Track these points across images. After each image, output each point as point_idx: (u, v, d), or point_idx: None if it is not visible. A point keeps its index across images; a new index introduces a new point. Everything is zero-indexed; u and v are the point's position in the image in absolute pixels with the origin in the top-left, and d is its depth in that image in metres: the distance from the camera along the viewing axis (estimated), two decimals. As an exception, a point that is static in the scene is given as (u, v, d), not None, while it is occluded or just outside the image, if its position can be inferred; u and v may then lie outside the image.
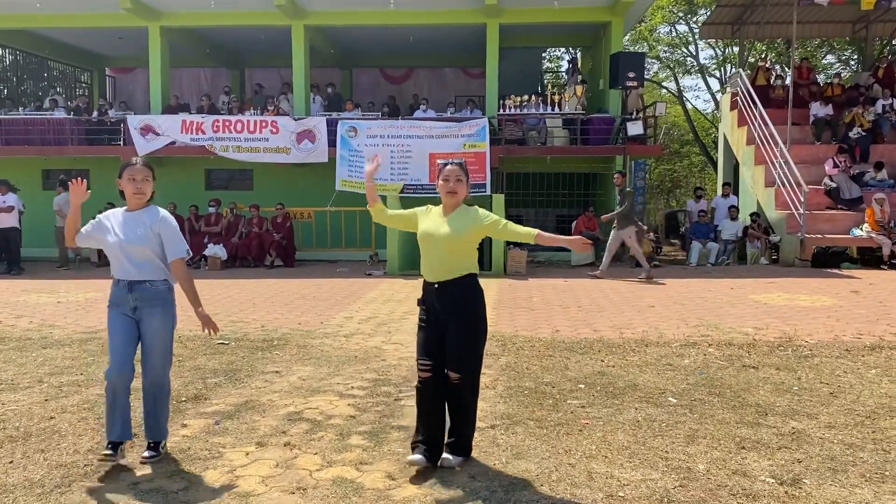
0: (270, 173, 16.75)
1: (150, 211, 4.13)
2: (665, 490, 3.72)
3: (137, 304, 4.02)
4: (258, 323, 8.40)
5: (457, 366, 3.97)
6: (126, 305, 4.03)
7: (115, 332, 4.03)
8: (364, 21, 16.66)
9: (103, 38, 19.18)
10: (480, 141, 15.10)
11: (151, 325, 4.04)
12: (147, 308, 4.03)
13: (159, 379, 4.12)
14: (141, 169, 4.08)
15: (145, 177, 4.08)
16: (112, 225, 4.08)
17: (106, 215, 4.16)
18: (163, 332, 4.08)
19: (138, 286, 4.02)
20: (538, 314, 8.99)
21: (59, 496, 3.64)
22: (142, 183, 4.06)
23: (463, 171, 4.08)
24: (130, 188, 4.05)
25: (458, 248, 3.99)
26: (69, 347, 7.11)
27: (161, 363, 4.10)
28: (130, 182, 4.05)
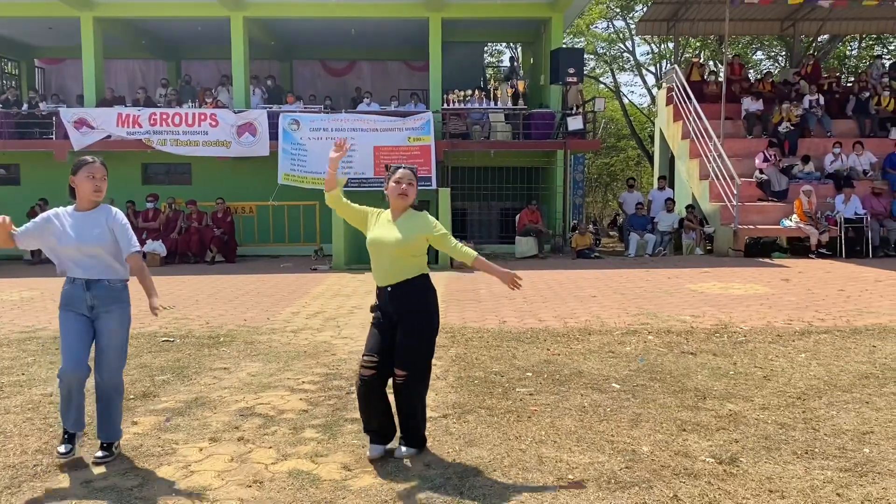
0: (210, 167, 16.48)
1: (103, 210, 4.07)
2: (612, 472, 3.88)
3: (94, 302, 3.97)
4: (202, 320, 8.31)
5: (404, 364, 3.99)
6: (82, 305, 3.97)
7: (69, 330, 3.97)
8: (305, 13, 16.51)
9: (32, 28, 18.49)
10: (425, 135, 15.18)
11: (108, 324, 3.99)
12: (104, 307, 3.98)
13: (115, 378, 4.05)
14: (100, 167, 4.02)
15: (104, 175, 4.03)
16: (63, 225, 3.98)
17: (55, 214, 4.03)
18: (119, 330, 4.03)
19: (95, 285, 3.97)
20: (485, 306, 9.13)
21: (9, 497, 3.59)
22: (101, 181, 4.01)
23: (414, 175, 4.14)
24: (89, 186, 3.98)
25: (407, 251, 4.02)
26: (7, 348, 6.91)
27: (116, 362, 4.04)
28: (89, 180, 3.97)
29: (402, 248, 4.00)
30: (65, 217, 4.02)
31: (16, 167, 16.87)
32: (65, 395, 3.96)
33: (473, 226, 18.05)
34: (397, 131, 15.17)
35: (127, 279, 4.13)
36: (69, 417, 4.00)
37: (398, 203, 4.08)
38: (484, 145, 16.02)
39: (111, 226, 4.02)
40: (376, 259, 4.09)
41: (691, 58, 22.61)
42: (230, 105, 16.53)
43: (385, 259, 4.04)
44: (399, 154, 14.97)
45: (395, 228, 4.05)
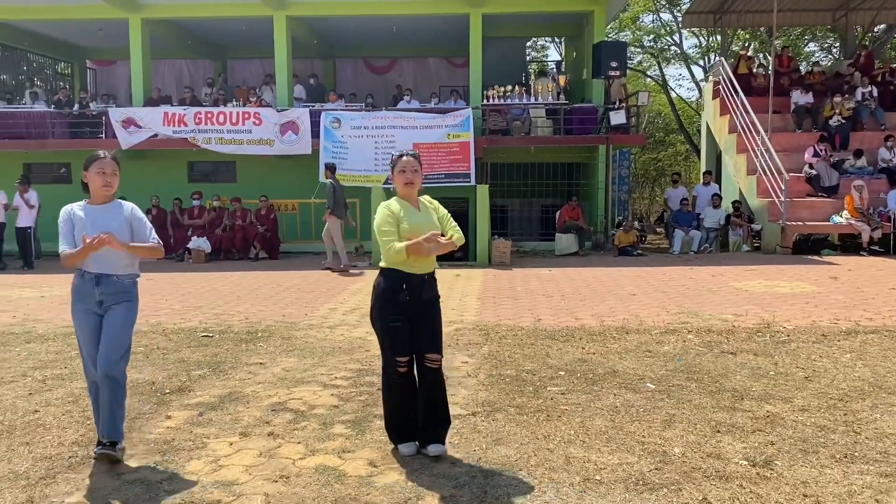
0: (254, 165, 16.71)
1: (119, 205, 4.10)
2: (641, 473, 3.81)
3: (103, 297, 4.00)
4: (242, 315, 8.43)
5: (437, 347, 4.07)
6: (91, 300, 4.00)
7: (84, 328, 4.02)
8: (346, 11, 16.61)
9: (84, 30, 19.00)
10: (464, 131, 15.14)
11: (115, 318, 4.00)
12: (112, 302, 4.01)
13: (113, 371, 3.95)
14: (110, 162, 4.05)
15: (114, 170, 4.05)
16: (81, 220, 4.00)
17: (70, 211, 4.05)
18: (123, 325, 4.02)
19: (105, 280, 4.00)
20: (521, 304, 9.07)
21: (44, 487, 3.68)
22: (111, 177, 4.04)
23: (418, 161, 4.14)
24: (99, 181, 4.01)
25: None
26: (53, 342, 7.12)
27: (117, 355, 3.97)
28: (100, 175, 4.00)
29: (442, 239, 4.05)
30: (80, 212, 4.04)
31: (67, 166, 17.37)
32: (93, 395, 4.06)
33: (514, 223, 17.93)
34: (437, 128, 15.16)
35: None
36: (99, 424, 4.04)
37: (406, 191, 4.08)
38: (523, 141, 15.90)
39: (130, 220, 4.07)
40: None
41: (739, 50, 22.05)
42: (273, 104, 16.73)
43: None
44: (438, 151, 14.97)
45: (428, 217, 4.09)
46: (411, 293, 4.04)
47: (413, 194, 4.11)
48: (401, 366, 4.05)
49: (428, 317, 4.08)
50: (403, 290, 4.02)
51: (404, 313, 4.04)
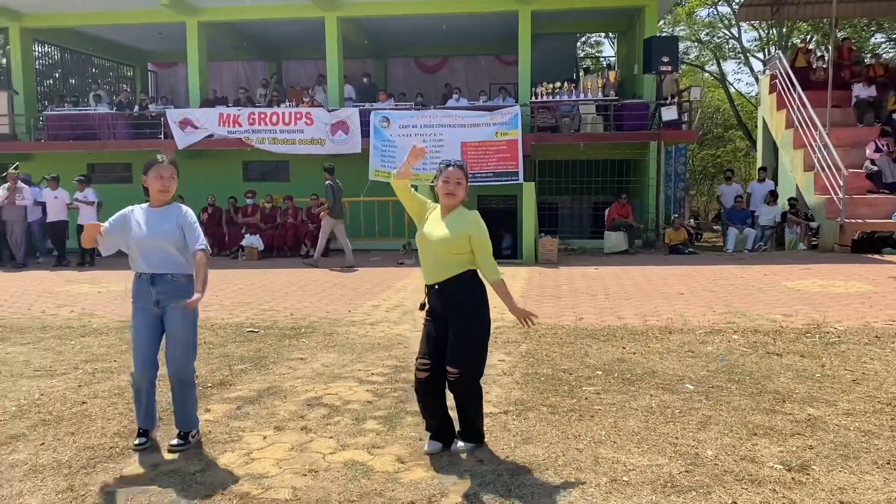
0: (306, 164, 16.96)
1: (174, 207, 4.24)
2: (670, 475, 3.75)
3: (159, 297, 4.13)
4: (288, 311, 8.59)
5: (455, 362, 3.95)
6: (148, 299, 4.15)
7: (139, 329, 4.17)
8: (397, 11, 16.72)
9: (144, 34, 19.61)
10: (512, 129, 15.05)
11: (174, 317, 4.14)
12: (169, 301, 4.14)
13: (181, 371, 4.17)
14: (168, 167, 4.19)
15: (172, 174, 4.19)
16: (137, 221, 4.18)
17: (130, 211, 4.25)
18: (184, 324, 4.16)
19: (160, 279, 4.14)
20: (564, 302, 9.00)
21: (84, 476, 3.84)
22: (168, 181, 4.18)
23: (464, 173, 4.05)
24: (157, 185, 4.16)
25: (452, 248, 3.96)
26: (106, 336, 7.38)
27: (182, 354, 4.16)
28: (157, 180, 4.16)
29: (446, 244, 3.96)
30: (139, 213, 4.23)
31: (128, 166, 17.96)
32: (135, 393, 4.20)
33: (564, 220, 17.79)
34: (484, 126, 15.12)
35: (191, 274, 4.28)
36: (139, 414, 4.22)
37: (446, 201, 4.05)
38: (572, 138, 15.75)
39: (181, 223, 4.19)
40: (423, 255, 4.10)
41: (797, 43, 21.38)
42: (325, 104, 16.97)
43: (430, 255, 4.03)
44: (486, 149, 14.94)
45: (443, 225, 4.01)
46: (428, 300, 4.10)
47: (451, 204, 4.05)
48: (420, 368, 4.05)
49: (452, 328, 4.00)
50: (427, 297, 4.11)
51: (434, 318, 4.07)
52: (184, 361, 4.17)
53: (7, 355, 6.60)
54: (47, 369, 6.07)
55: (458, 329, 3.97)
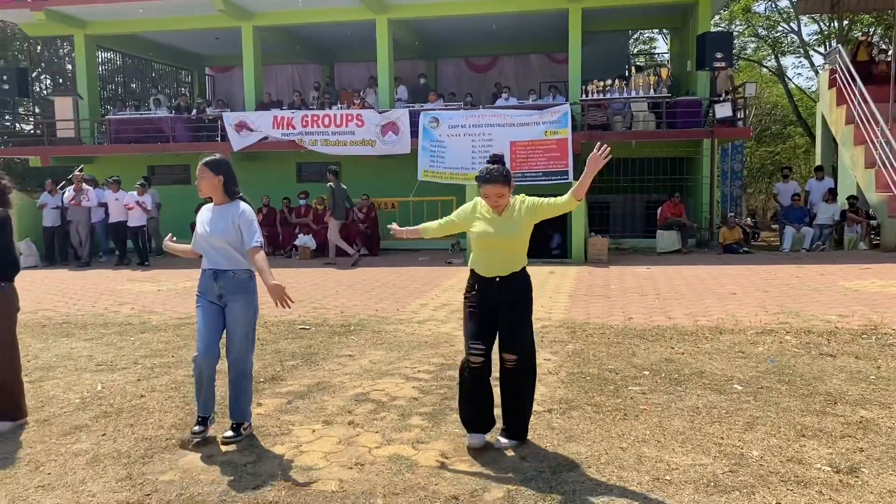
0: (357, 165, 17.19)
1: (232, 206, 4.41)
2: (713, 475, 3.74)
3: (222, 291, 4.32)
4: (338, 309, 8.75)
5: (512, 348, 4.10)
6: (212, 293, 4.34)
7: (201, 318, 4.36)
8: (446, 12, 16.81)
9: (201, 39, 20.15)
10: (562, 127, 15.00)
11: (234, 311, 4.32)
12: (231, 295, 4.32)
13: (240, 362, 4.36)
14: (201, 167, 4.38)
15: (201, 174, 4.37)
16: (202, 220, 4.41)
17: (201, 212, 4.50)
18: (244, 317, 4.34)
19: (223, 275, 4.32)
20: (613, 302, 8.95)
21: (141, 466, 4.01)
22: (199, 180, 4.37)
23: (503, 183, 4.05)
24: (197, 184, 4.42)
25: (518, 245, 4.12)
26: (164, 332, 7.65)
27: (242, 346, 4.34)
28: (197, 179, 4.41)
29: (515, 241, 4.08)
30: (205, 213, 4.45)
31: (186, 168, 18.48)
32: (196, 378, 4.35)
33: (615, 219, 17.62)
34: (534, 125, 15.10)
35: (253, 270, 4.42)
36: (199, 401, 4.38)
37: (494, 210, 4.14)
38: (623, 136, 15.60)
39: (237, 221, 4.35)
40: (485, 251, 4.14)
41: (858, 36, 20.72)
42: (376, 105, 17.18)
43: (496, 252, 4.11)
44: (535, 148, 14.92)
45: (504, 222, 4.09)
46: (481, 294, 4.14)
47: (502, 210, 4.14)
48: (473, 352, 4.08)
49: (506, 317, 4.11)
50: (475, 289, 4.17)
51: (481, 305, 4.13)
52: (243, 352, 4.34)
53: (71, 350, 6.90)
54: (109, 364, 6.33)
55: (516, 317, 4.11)
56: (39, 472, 3.96)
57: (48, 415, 4.94)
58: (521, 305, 4.15)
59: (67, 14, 17.65)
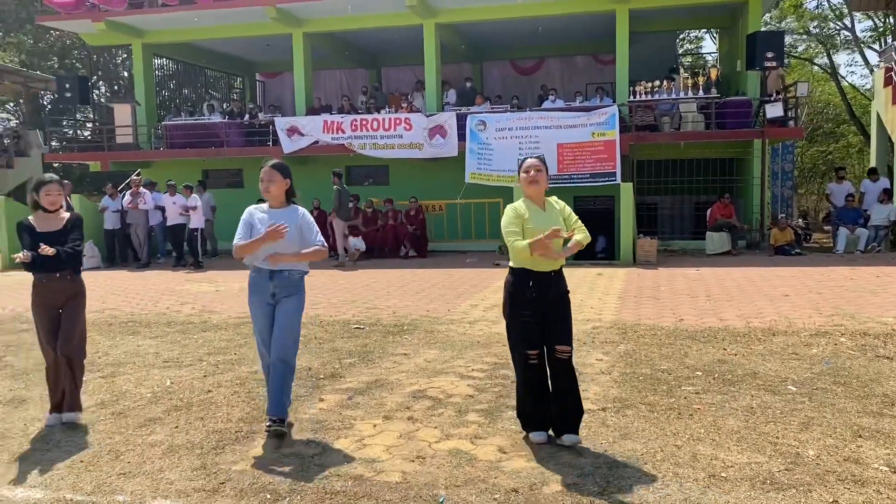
0: (405, 168, 17.42)
1: (291, 210, 4.61)
2: (769, 473, 3.79)
3: (276, 290, 4.51)
4: (391, 310, 8.94)
5: (566, 340, 4.25)
6: (265, 292, 4.53)
7: (259, 319, 4.57)
8: (493, 15, 16.92)
9: (253, 46, 20.63)
10: (609, 129, 14.98)
11: (286, 309, 4.51)
12: (284, 294, 4.52)
13: (285, 355, 4.48)
14: (267, 170, 4.57)
15: (270, 177, 4.55)
16: (258, 222, 4.57)
17: (250, 213, 4.63)
18: (294, 314, 4.54)
19: (278, 275, 4.52)
20: (663, 303, 8.96)
21: (214, 456, 4.23)
22: (268, 183, 4.55)
23: (543, 163, 4.33)
24: (261, 187, 4.60)
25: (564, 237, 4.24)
26: (225, 331, 7.94)
27: (289, 340, 4.51)
28: (261, 182, 4.58)
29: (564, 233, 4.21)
30: (259, 213, 4.61)
31: (240, 172, 18.96)
32: (267, 378, 4.56)
33: (664, 221, 17.51)
34: (581, 127, 15.11)
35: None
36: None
37: (531, 191, 4.29)
38: (672, 137, 15.51)
39: (300, 224, 4.54)
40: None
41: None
42: (424, 109, 17.38)
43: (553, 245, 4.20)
44: (582, 150, 14.93)
45: (551, 215, 4.27)
46: (537, 290, 4.25)
47: (538, 194, 4.31)
48: (532, 358, 4.27)
49: (557, 311, 4.27)
50: (530, 287, 4.25)
51: (532, 308, 4.25)
52: (289, 343, 4.51)
53: (139, 347, 7.22)
54: (175, 361, 6.62)
55: (565, 309, 4.29)
56: (120, 461, 4.21)
57: (123, 408, 5.21)
58: (567, 297, 4.36)
59: (126, 24, 18.28)
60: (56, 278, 4.80)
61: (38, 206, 4.86)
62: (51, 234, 4.79)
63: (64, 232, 4.85)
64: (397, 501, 3.59)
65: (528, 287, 4.26)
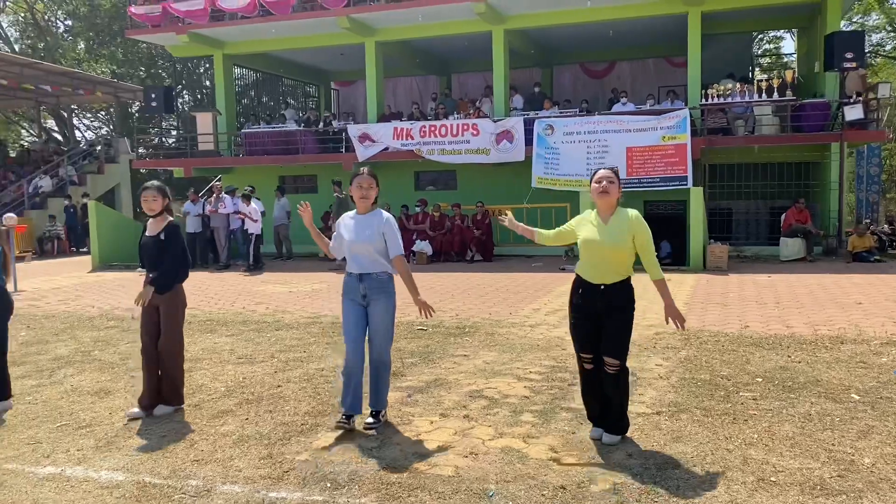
0: (472, 173, 17.62)
1: (376, 214, 4.83)
2: (821, 478, 3.79)
3: (366, 292, 4.73)
4: (454, 312, 9.13)
5: (614, 353, 4.29)
6: (356, 294, 4.75)
7: (349, 319, 4.75)
8: (562, 20, 16.96)
9: (327, 55, 21.24)
10: (681, 132, 14.81)
11: (377, 310, 4.73)
12: (374, 295, 4.73)
13: (384, 356, 4.78)
14: (366, 178, 4.79)
15: (370, 185, 4.79)
16: (346, 227, 4.82)
17: (341, 219, 4.91)
18: (386, 315, 4.76)
19: (367, 277, 4.74)
20: (730, 310, 8.85)
21: (281, 447, 4.50)
22: (367, 190, 4.77)
23: (614, 174, 4.35)
24: (358, 194, 4.78)
25: (622, 255, 4.27)
26: (296, 330, 8.29)
27: (384, 342, 4.77)
28: (358, 189, 4.77)
29: (616, 251, 4.25)
30: (347, 220, 4.86)
31: (314, 177, 19.57)
32: (346, 379, 4.73)
33: (737, 226, 17.15)
34: (651, 131, 14.98)
35: (392, 273, 4.84)
36: (346, 400, 4.74)
37: (602, 202, 4.33)
38: (745, 140, 15.19)
39: (383, 230, 4.76)
40: (590, 257, 4.35)
41: None
42: (492, 114, 17.55)
43: (601, 260, 4.30)
44: (652, 154, 14.80)
45: (608, 230, 4.29)
46: (583, 299, 4.36)
47: (607, 205, 4.31)
48: (585, 361, 4.39)
49: (609, 323, 4.29)
50: (578, 294, 4.39)
51: (583, 315, 4.36)
52: (385, 346, 4.77)
53: (215, 344, 7.63)
54: (248, 357, 6.98)
55: (617, 325, 4.29)
56: (194, 449, 4.52)
57: (199, 400, 5.56)
58: (624, 313, 4.31)
59: (209, 36, 19.14)
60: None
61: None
62: (148, 240, 5.19)
63: (157, 241, 5.18)
64: (449, 494, 3.77)
65: (577, 294, 4.40)
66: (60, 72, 24.09)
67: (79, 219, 21.50)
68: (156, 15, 18.86)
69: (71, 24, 35.26)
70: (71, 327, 8.86)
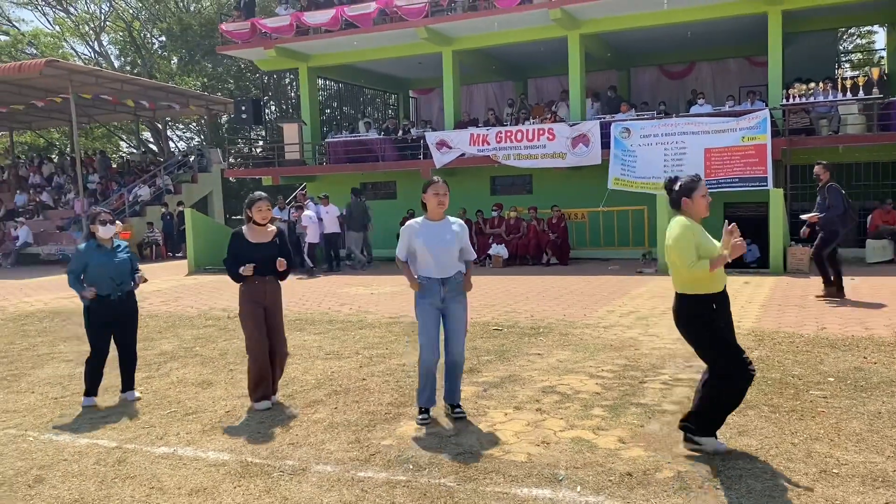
0: (548, 177, 17.82)
1: (449, 221, 5.14)
2: (883, 471, 3.91)
3: (446, 295, 5.04)
4: (528, 313, 9.41)
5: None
6: (436, 297, 5.03)
7: (430, 324, 5.02)
8: (638, 23, 16.96)
9: (406, 65, 21.83)
10: (760, 133, 14.60)
11: (456, 311, 5.06)
12: (452, 297, 5.05)
13: (461, 356, 5.13)
14: (442, 185, 5.09)
15: (446, 192, 5.09)
16: (420, 234, 5.04)
17: (409, 227, 5.10)
18: (464, 314, 5.11)
19: (448, 280, 5.05)
20: (808, 312, 8.80)
21: (367, 433, 4.91)
22: (444, 197, 5.07)
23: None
24: (434, 201, 5.06)
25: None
26: (378, 329, 8.74)
27: (460, 339, 5.10)
28: (435, 196, 5.05)
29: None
30: (419, 227, 5.09)
31: (392, 184, 20.17)
32: (424, 377, 5.06)
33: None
34: (730, 132, 14.83)
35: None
36: (424, 396, 5.10)
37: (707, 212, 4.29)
38: (828, 141, 14.85)
39: (460, 235, 5.10)
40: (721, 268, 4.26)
41: None
42: (568, 118, 17.70)
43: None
44: (731, 155, 14.65)
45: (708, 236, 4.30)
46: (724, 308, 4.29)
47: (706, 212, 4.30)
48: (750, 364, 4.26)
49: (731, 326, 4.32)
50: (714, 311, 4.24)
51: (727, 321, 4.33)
52: (461, 343, 5.11)
53: (305, 342, 8.15)
54: (335, 353, 7.46)
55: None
56: (289, 434, 4.98)
57: (292, 391, 6.05)
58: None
59: (294, 50, 20.03)
60: (266, 281, 5.63)
61: (250, 220, 5.66)
62: (262, 245, 5.63)
63: (273, 244, 5.67)
64: (521, 477, 4.08)
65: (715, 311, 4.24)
66: (157, 86, 25.55)
67: (175, 225, 22.79)
68: (245, 31, 19.87)
69: (165, 41, 37.24)
70: (173, 326, 9.60)
